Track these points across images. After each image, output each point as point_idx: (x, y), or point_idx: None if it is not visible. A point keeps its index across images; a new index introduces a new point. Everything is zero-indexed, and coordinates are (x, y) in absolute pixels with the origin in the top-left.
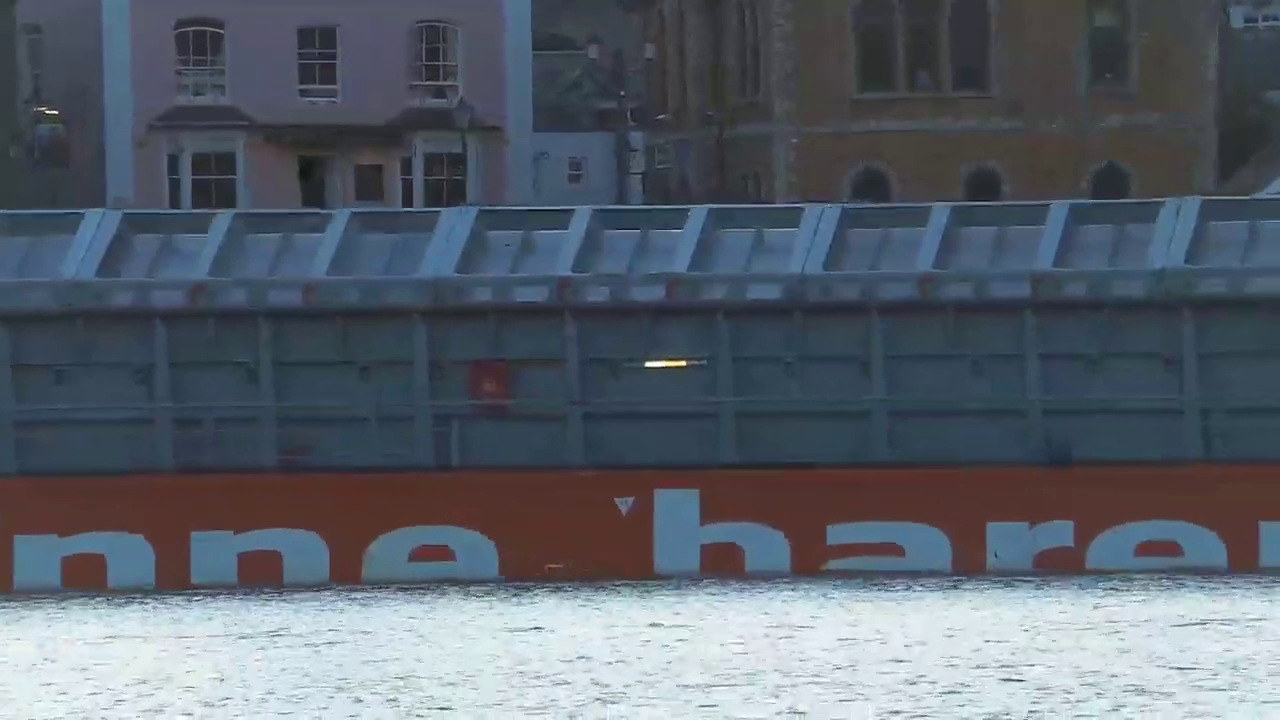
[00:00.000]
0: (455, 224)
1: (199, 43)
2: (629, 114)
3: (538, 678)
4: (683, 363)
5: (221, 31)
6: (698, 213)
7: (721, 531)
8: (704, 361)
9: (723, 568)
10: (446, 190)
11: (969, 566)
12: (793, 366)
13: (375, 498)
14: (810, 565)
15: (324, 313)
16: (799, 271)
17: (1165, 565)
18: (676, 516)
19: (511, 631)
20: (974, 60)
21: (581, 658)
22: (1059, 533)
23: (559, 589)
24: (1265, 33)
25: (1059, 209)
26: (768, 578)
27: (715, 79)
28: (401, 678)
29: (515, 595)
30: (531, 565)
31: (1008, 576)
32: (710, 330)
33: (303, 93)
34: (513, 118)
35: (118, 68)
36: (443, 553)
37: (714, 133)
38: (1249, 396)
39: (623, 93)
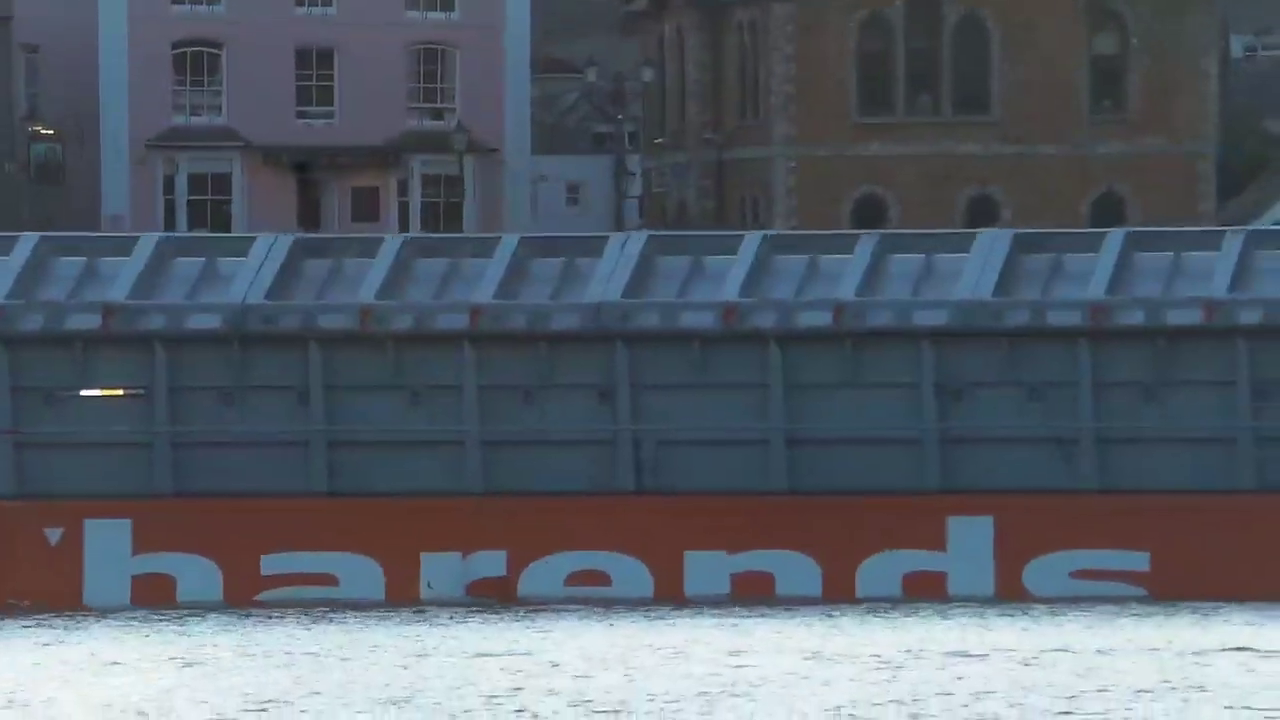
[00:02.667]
0: None
1: (196, 63)
2: (627, 137)
3: None
4: (119, 391)
5: (219, 52)
6: (146, 239)
7: (153, 562)
8: (141, 390)
9: (153, 599)
10: (443, 212)
11: (403, 596)
12: (231, 396)
13: None
14: (244, 595)
15: None
16: (240, 300)
17: (594, 595)
18: (107, 547)
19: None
20: (975, 85)
21: None
22: (491, 562)
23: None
24: (1265, 62)
25: (508, 241)
26: (200, 608)
27: (714, 102)
28: None
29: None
30: None
31: (443, 606)
32: (148, 359)
33: (300, 114)
34: (510, 140)
35: (115, 87)
36: None
37: (713, 156)
38: (678, 428)
39: (621, 116)
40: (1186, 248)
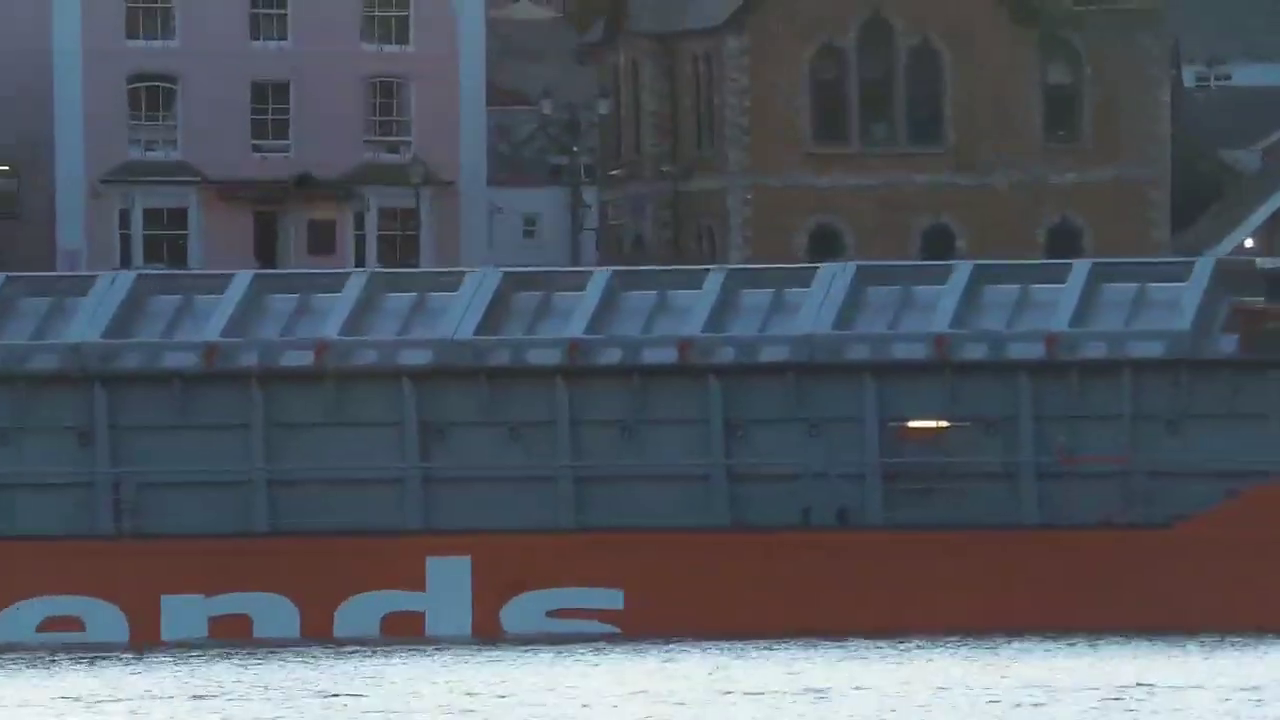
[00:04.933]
0: None
1: (151, 98)
2: (583, 169)
3: None
4: None
5: (174, 87)
6: None
7: None
8: None
9: None
10: (400, 245)
11: None
12: None
13: None
14: None
15: None
16: None
17: (69, 641)
18: None
19: None
20: (929, 114)
21: None
22: None
23: None
24: (1216, 91)
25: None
26: None
27: (670, 133)
28: None
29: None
30: None
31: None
32: None
33: (255, 148)
34: (466, 172)
35: (69, 121)
36: None
37: (668, 187)
38: (160, 470)
39: (576, 147)
40: (671, 286)
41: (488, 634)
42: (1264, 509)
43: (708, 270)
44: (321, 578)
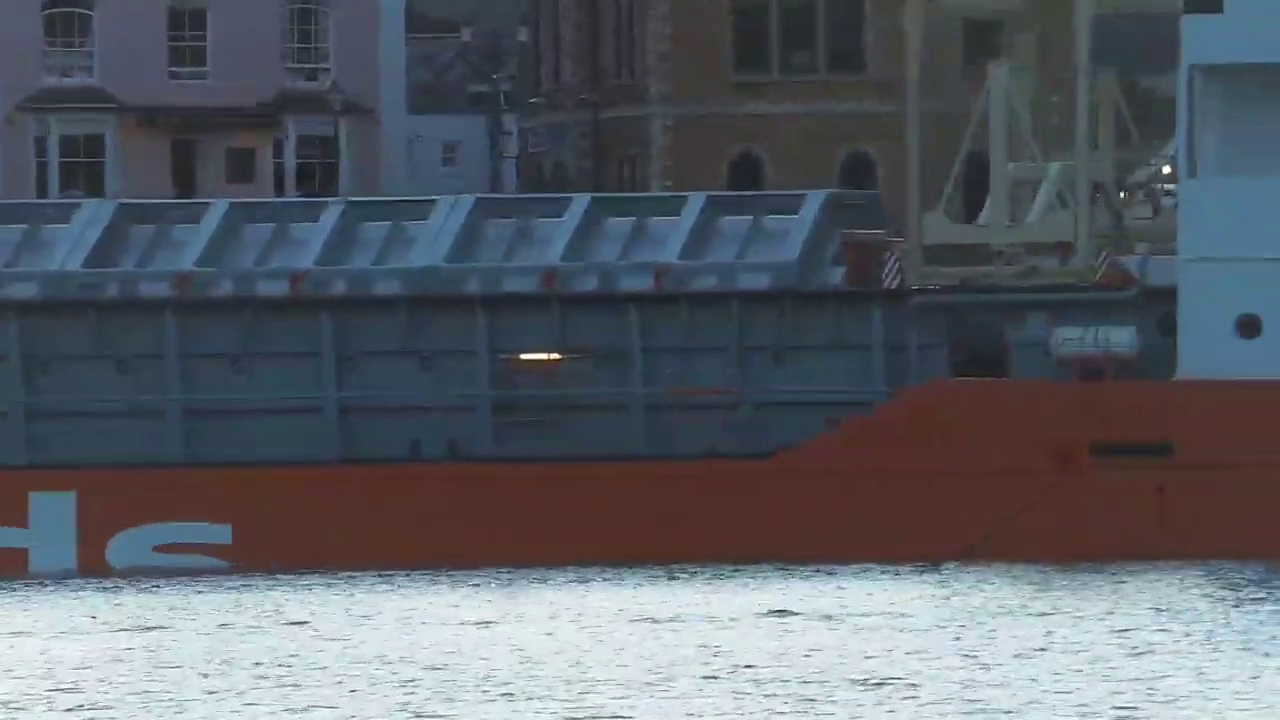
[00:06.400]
0: None
1: (66, 24)
2: (503, 97)
3: None
4: None
5: (90, 12)
6: None
7: None
8: None
9: None
10: (319, 173)
11: None
12: None
13: None
14: None
15: None
16: None
17: None
18: None
19: None
20: (849, 42)
21: None
22: None
23: None
24: (1132, 21)
25: None
26: None
27: (591, 60)
28: None
29: None
30: None
31: None
32: None
33: (173, 75)
34: (386, 100)
35: None
36: None
37: (589, 115)
38: None
39: (496, 75)
40: (290, 220)
41: (94, 570)
42: (860, 440)
43: (325, 203)
44: None
